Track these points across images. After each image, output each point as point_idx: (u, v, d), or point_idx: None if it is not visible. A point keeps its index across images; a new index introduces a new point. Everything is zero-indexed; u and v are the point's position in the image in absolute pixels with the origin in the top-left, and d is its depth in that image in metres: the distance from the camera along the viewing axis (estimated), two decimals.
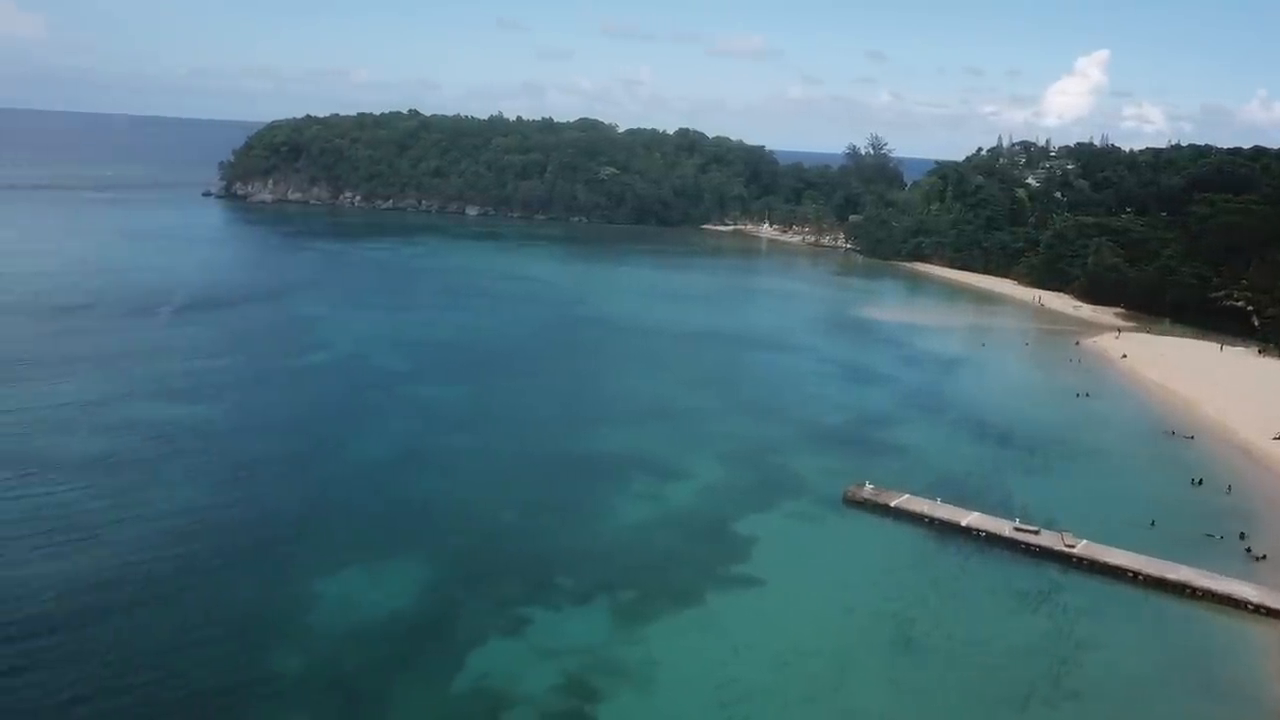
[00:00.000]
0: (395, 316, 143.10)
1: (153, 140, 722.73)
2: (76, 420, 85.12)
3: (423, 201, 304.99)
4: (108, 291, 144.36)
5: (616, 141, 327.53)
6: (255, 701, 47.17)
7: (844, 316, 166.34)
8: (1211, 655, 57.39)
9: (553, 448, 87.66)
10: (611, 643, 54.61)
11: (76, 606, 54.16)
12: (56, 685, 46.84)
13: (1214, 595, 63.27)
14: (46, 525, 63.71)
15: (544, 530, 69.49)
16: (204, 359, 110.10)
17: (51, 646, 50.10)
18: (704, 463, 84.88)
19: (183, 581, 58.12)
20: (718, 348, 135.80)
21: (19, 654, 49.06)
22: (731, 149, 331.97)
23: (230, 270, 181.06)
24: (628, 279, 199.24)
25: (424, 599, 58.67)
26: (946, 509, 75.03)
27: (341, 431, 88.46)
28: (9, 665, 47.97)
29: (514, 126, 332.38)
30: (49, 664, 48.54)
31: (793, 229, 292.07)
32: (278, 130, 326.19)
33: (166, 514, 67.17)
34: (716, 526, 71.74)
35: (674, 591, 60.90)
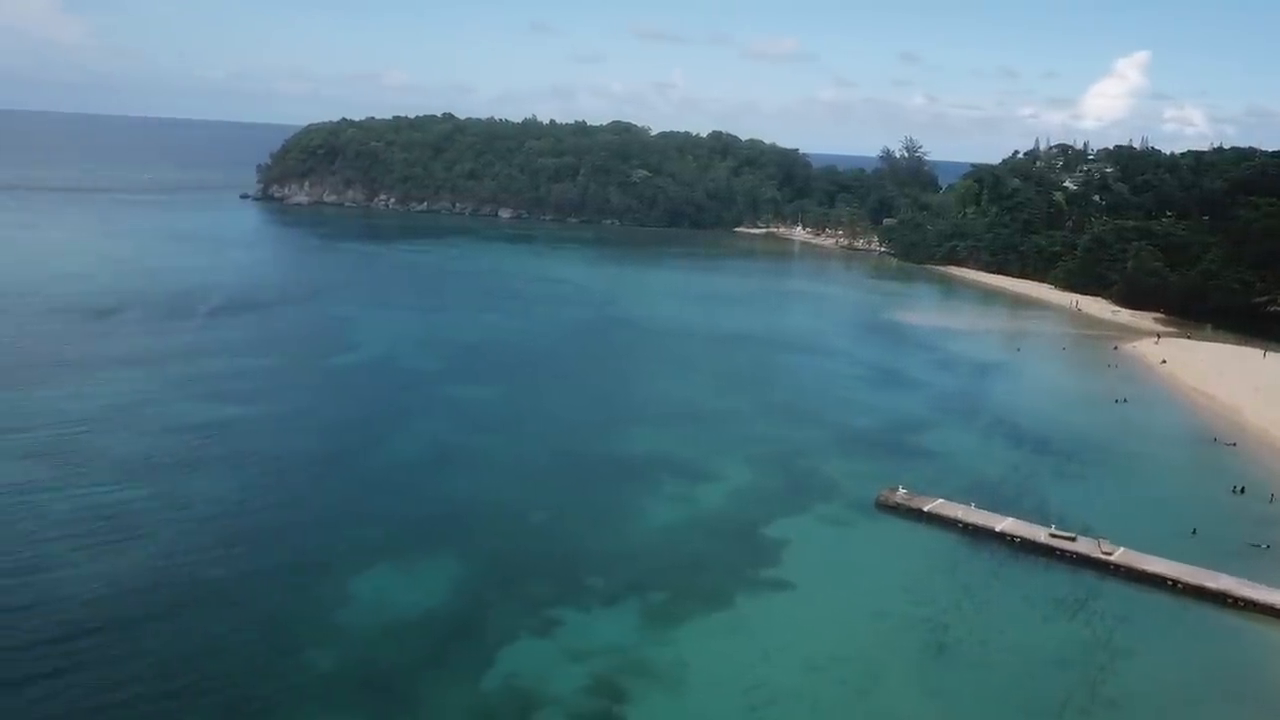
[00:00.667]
0: (429, 318, 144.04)
1: (193, 144, 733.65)
2: (118, 420, 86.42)
3: (456, 204, 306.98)
4: (147, 293, 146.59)
5: (649, 144, 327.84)
6: (291, 699, 47.53)
7: (877, 320, 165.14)
8: (1253, 666, 56.27)
9: (584, 449, 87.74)
10: (641, 644, 54.48)
11: (119, 605, 54.86)
12: (99, 684, 47.40)
13: (1256, 605, 61.97)
14: (90, 524, 64.67)
15: (575, 531, 69.52)
16: (241, 359, 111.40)
17: (95, 646, 50.71)
18: (735, 465, 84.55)
19: (220, 579, 58.74)
20: (750, 350, 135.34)
21: (63, 654, 49.68)
22: (764, 152, 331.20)
23: (266, 272, 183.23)
24: (660, 282, 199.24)
25: (455, 598, 58.89)
26: (980, 514, 74.18)
27: (375, 431, 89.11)
28: (53, 666, 48.58)
29: (547, 129, 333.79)
30: (92, 663, 49.12)
31: (826, 232, 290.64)
32: (314, 133, 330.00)
33: (205, 513, 68.01)
34: (747, 529, 71.40)
35: (704, 594, 60.68)
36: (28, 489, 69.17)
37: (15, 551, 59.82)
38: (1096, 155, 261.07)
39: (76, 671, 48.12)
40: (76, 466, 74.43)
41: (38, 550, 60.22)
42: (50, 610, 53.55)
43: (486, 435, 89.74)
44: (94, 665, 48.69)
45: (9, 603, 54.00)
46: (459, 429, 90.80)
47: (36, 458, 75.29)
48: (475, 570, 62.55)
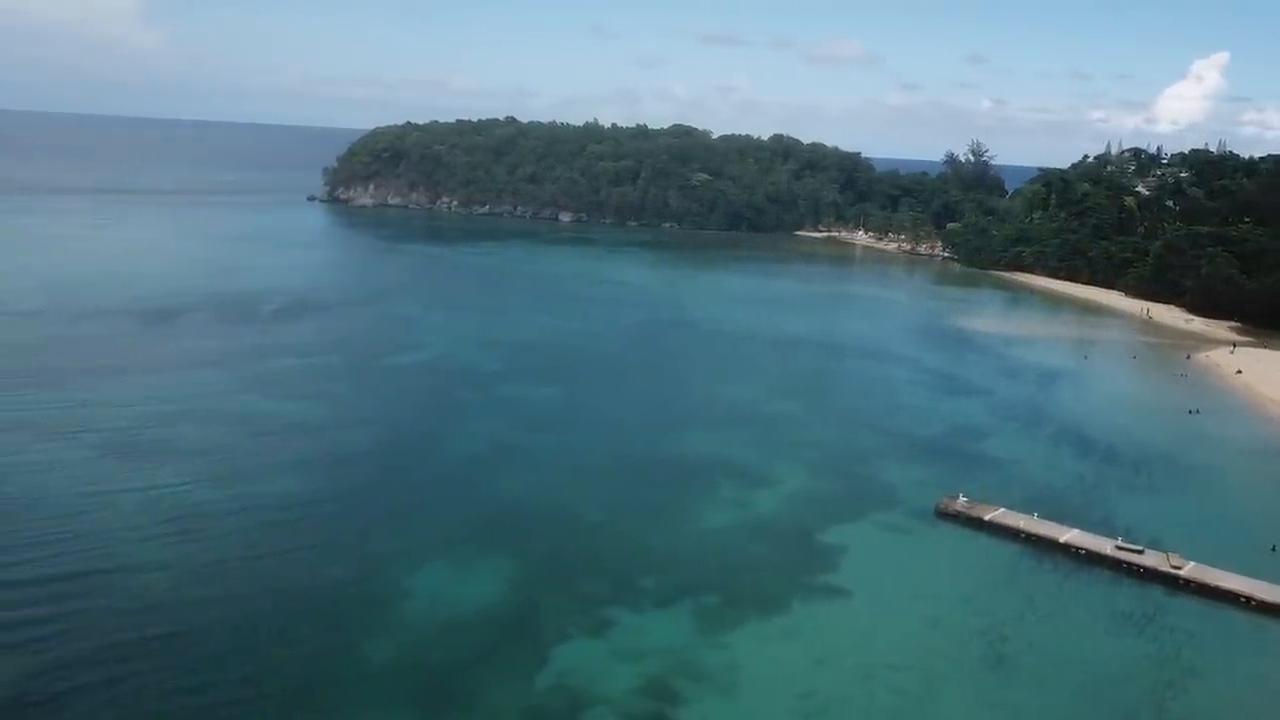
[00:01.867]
0: (489, 319, 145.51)
1: (263, 147, 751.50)
2: (190, 416, 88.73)
3: (517, 207, 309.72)
4: (218, 292, 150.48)
5: (710, 147, 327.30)
6: (349, 691, 48.32)
7: (939, 326, 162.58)
8: None
9: (640, 450, 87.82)
10: (694, 646, 54.29)
11: (187, 594, 56.32)
12: (165, 671, 48.72)
13: None
14: (159, 514, 66.54)
15: (629, 531, 69.58)
16: (307, 358, 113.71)
17: (162, 634, 52.07)
18: (792, 470, 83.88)
19: (282, 571, 59.98)
20: (809, 354, 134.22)
21: (132, 640, 51.10)
22: (826, 155, 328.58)
23: (332, 272, 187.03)
24: (718, 285, 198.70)
25: (510, 595, 59.34)
26: (1044, 525, 72.50)
27: (435, 429, 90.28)
28: (122, 652, 49.98)
29: (608, 133, 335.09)
30: (159, 651, 50.43)
31: (888, 237, 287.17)
32: (380, 137, 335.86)
33: (270, 507, 69.47)
34: (803, 535, 70.75)
35: (759, 598, 60.27)
36: (104, 481, 71.38)
37: (91, 541, 61.77)
38: (1171, 159, 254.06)
39: (144, 658, 49.45)
40: (149, 461, 76.59)
41: (112, 540, 62.13)
42: (122, 598, 55.19)
43: (544, 435, 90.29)
44: (160, 653, 49.98)
45: (84, 589, 55.81)
46: (517, 428, 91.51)
47: (112, 452, 77.69)
48: (530, 568, 62.94)
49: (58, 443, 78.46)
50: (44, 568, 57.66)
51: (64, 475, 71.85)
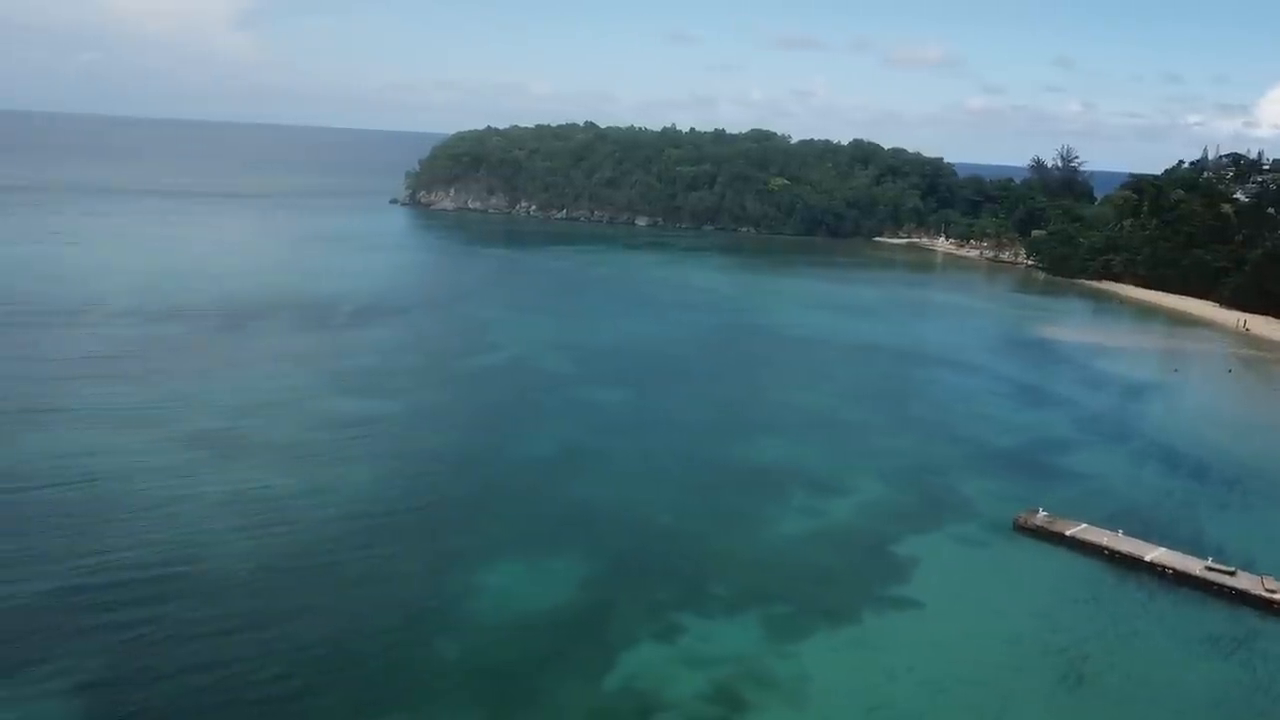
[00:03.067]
0: (563, 322, 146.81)
1: (348, 151, 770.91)
2: (271, 412, 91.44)
3: (595, 212, 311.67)
4: (300, 292, 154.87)
5: (788, 152, 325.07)
6: (420, 685, 49.22)
7: (1022, 335, 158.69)
8: None
9: (712, 455, 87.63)
10: (763, 655, 53.95)
11: (265, 586, 58.03)
12: (242, 660, 50.21)
13: None
14: (242, 508, 68.66)
15: (699, 536, 69.47)
16: (386, 358, 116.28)
17: (240, 625, 53.73)
18: (866, 479, 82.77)
19: (358, 565, 61.43)
20: (885, 362, 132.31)
21: (212, 631, 52.78)
22: (907, 160, 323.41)
23: (410, 274, 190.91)
24: (794, 290, 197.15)
25: (579, 596, 59.76)
26: (1129, 542, 70.16)
27: (509, 429, 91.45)
28: (200, 643, 51.69)
29: (686, 138, 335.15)
30: (237, 642, 51.98)
31: (970, 243, 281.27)
32: (460, 141, 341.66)
33: (347, 502, 71.22)
34: (876, 545, 69.73)
35: (829, 608, 59.62)
36: (188, 474, 73.94)
37: (177, 532, 64.03)
38: (1272, 165, 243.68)
39: (222, 648, 51.03)
40: (234, 455, 79.20)
41: (195, 531, 64.30)
42: (205, 588, 57.10)
43: (616, 437, 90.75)
44: (238, 644, 51.48)
45: (167, 577, 57.87)
46: (590, 430, 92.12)
47: (199, 446, 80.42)
48: (600, 570, 63.28)
49: (147, 436, 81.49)
50: (132, 559, 59.83)
51: (152, 467, 74.60)
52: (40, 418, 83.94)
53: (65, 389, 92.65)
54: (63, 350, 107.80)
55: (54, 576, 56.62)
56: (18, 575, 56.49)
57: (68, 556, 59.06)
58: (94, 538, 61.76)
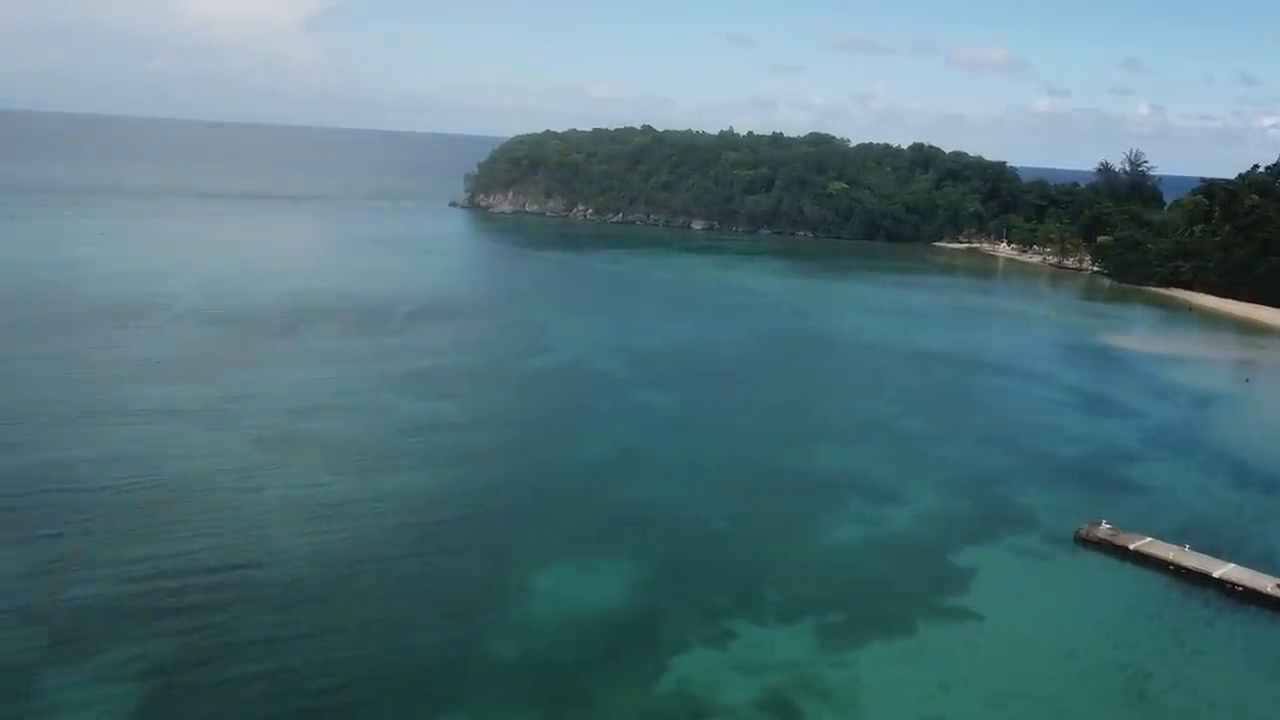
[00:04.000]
0: (620, 325, 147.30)
1: (410, 155, 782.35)
2: (330, 409, 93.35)
3: (651, 215, 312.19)
4: (359, 293, 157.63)
5: (847, 156, 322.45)
6: (473, 683, 49.81)
7: (1086, 343, 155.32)
8: None
9: (766, 460, 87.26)
10: (816, 663, 53.58)
11: (320, 581, 59.26)
12: (296, 654, 51.30)
13: None
14: (303, 505, 70.24)
15: (753, 542, 69.22)
16: (443, 359, 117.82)
17: (295, 618, 54.99)
18: (923, 488, 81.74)
19: (412, 562, 62.39)
20: (944, 369, 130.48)
21: (268, 623, 54.10)
22: (969, 164, 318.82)
23: (468, 276, 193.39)
24: (852, 295, 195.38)
25: (632, 599, 59.96)
26: (1196, 558, 68.25)
27: (564, 431, 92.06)
28: (255, 635, 52.92)
29: (744, 141, 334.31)
30: (292, 635, 53.19)
31: (1033, 249, 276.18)
32: (519, 145, 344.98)
33: (403, 500, 72.37)
34: (933, 555, 68.82)
35: (884, 617, 58.99)
36: (250, 473, 75.71)
37: (237, 529, 65.60)
38: None
39: (280, 644, 52.14)
40: (293, 453, 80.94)
41: (256, 529, 65.80)
42: (262, 584, 58.39)
43: (670, 441, 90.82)
44: (297, 640, 52.58)
45: (229, 574, 59.36)
46: (644, 433, 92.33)
47: (259, 443, 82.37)
48: (653, 573, 63.40)
49: (211, 435, 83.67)
50: (195, 555, 61.39)
51: (216, 466, 76.46)
52: (107, 416, 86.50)
53: (131, 388, 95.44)
54: (130, 349, 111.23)
55: (121, 571, 58.37)
56: (87, 570, 58.39)
57: (134, 552, 60.83)
58: (159, 534, 63.57)
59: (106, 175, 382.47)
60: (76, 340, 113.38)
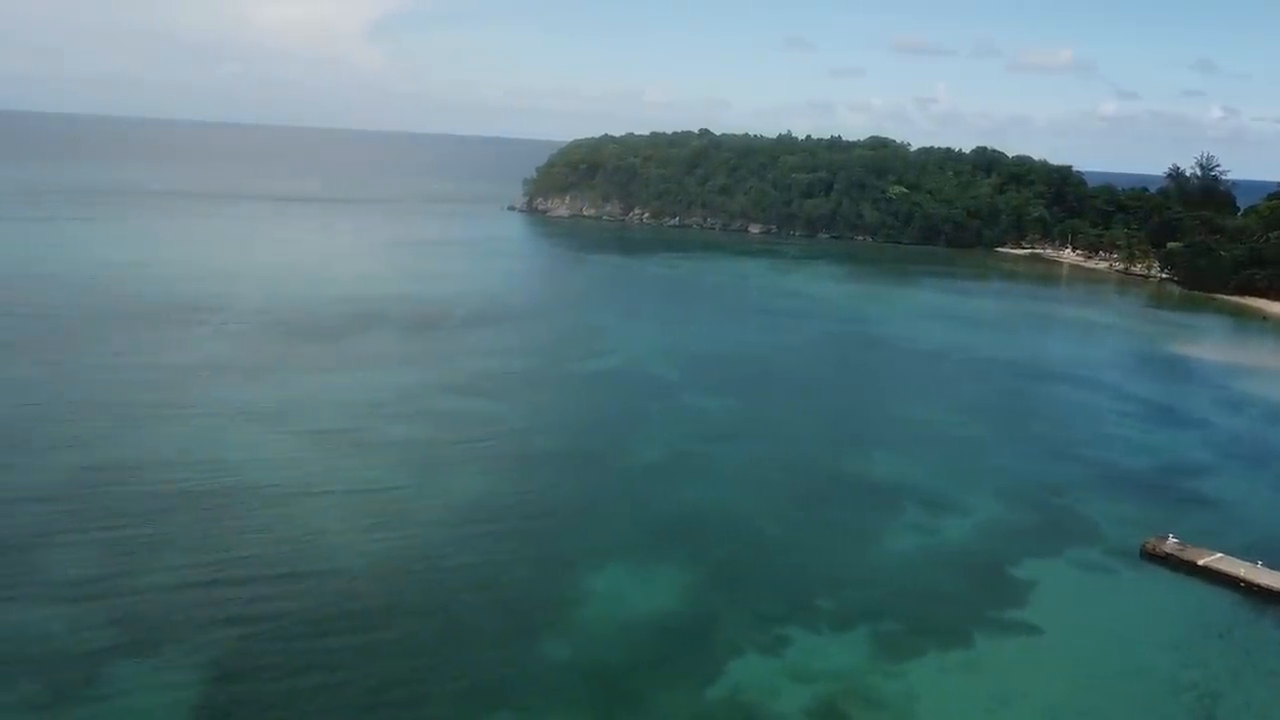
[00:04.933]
0: (675, 329, 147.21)
1: (469, 159, 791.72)
2: (387, 410, 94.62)
3: (707, 219, 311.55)
4: (416, 295, 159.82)
5: (907, 160, 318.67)
6: (527, 685, 50.05)
7: (1154, 352, 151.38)
8: None
9: (821, 467, 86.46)
10: (871, 673, 52.89)
11: (375, 580, 60.07)
12: (351, 653, 52.09)
13: None
14: (360, 503, 71.34)
15: (808, 549, 68.63)
16: (500, 361, 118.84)
17: (350, 615, 55.89)
18: (982, 498, 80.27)
19: (468, 562, 62.97)
20: (1005, 377, 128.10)
21: (323, 619, 54.97)
22: (1033, 169, 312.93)
23: (524, 280, 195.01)
24: (911, 300, 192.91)
25: (686, 603, 59.80)
26: (1268, 574, 65.95)
27: (617, 435, 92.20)
28: (311, 630, 53.84)
29: (802, 145, 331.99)
30: (347, 631, 54.00)
31: (1099, 255, 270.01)
32: (577, 148, 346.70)
33: (459, 499, 73.17)
34: (992, 567, 67.53)
35: (941, 628, 58.03)
36: (309, 470, 77.13)
37: (294, 524, 66.95)
38: None
39: (336, 640, 52.95)
40: (352, 453, 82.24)
41: (314, 526, 67.04)
42: (319, 581, 59.35)
43: (725, 446, 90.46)
44: (351, 637, 53.28)
45: (287, 569, 60.51)
46: (698, 438, 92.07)
47: (318, 443, 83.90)
48: (706, 578, 63.17)
49: (271, 433, 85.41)
50: (254, 550, 62.58)
51: (275, 463, 78.03)
52: (172, 415, 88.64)
53: (195, 387, 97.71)
54: (194, 348, 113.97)
55: (184, 564, 59.84)
56: (151, 561, 59.97)
57: (197, 549, 62.25)
58: (221, 532, 64.94)
59: (177, 178, 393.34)
60: (143, 339, 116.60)
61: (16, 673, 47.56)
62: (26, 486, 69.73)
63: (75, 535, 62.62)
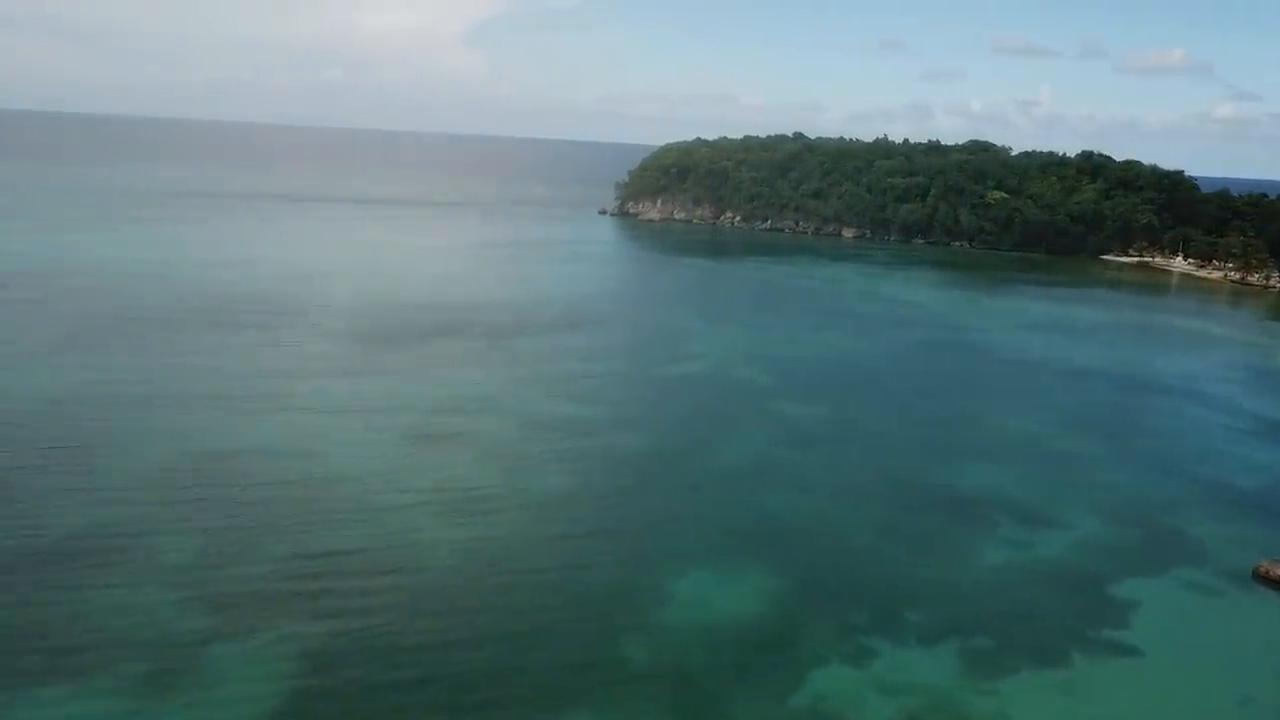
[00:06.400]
0: (764, 333, 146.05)
1: (562, 163, 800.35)
2: (476, 408, 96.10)
3: (800, 223, 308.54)
4: (508, 296, 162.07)
5: (1008, 164, 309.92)
6: (607, 688, 50.17)
7: (1271, 367, 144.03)
8: None
9: (912, 477, 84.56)
10: (960, 689, 51.46)
11: (463, 573, 61.08)
12: (432, 649, 52.85)
13: None
14: (448, 500, 72.49)
15: (896, 560, 67.18)
16: (587, 363, 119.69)
17: (433, 612, 56.87)
18: (1082, 514, 77.42)
19: (551, 561, 63.45)
20: (1110, 390, 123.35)
21: (404, 616, 56.09)
22: (1142, 173, 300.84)
23: (613, 283, 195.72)
24: (1008, 308, 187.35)
25: (769, 610, 59.15)
26: None
27: (703, 438, 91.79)
28: (392, 626, 54.90)
29: (898, 149, 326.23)
30: (428, 629, 54.88)
31: (1212, 264, 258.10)
32: (668, 152, 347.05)
33: (544, 498, 73.89)
34: (1091, 585, 65.05)
35: (1035, 647, 56.15)
36: (398, 466, 78.79)
37: (383, 519, 68.37)
38: None
39: (419, 633, 53.88)
40: (440, 449, 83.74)
41: (401, 520, 68.39)
42: (405, 575, 60.51)
43: (811, 452, 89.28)
44: (435, 631, 54.17)
45: (374, 562, 61.96)
46: (784, 443, 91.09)
47: (408, 440, 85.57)
48: (790, 585, 62.36)
49: (362, 429, 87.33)
50: (344, 542, 64.21)
51: (367, 459, 79.75)
52: (268, 409, 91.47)
53: (289, 383, 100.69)
54: (289, 346, 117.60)
55: (277, 554, 61.71)
56: (246, 551, 61.99)
57: (289, 537, 64.18)
58: (313, 524, 66.73)
59: (277, 181, 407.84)
60: (241, 336, 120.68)
61: (124, 654, 49.74)
62: (132, 475, 72.87)
63: (176, 523, 65.17)
